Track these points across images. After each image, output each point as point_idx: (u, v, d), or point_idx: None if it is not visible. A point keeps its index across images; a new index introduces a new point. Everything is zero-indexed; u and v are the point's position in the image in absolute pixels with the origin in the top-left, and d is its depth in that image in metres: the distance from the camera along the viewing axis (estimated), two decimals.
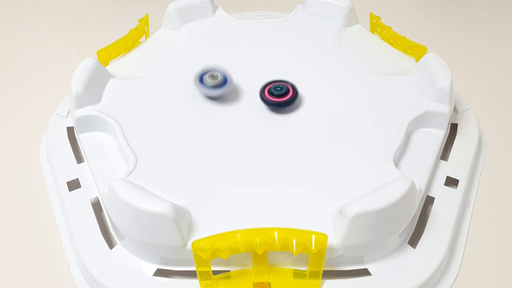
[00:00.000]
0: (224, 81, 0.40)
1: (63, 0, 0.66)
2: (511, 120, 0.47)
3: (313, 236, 0.30)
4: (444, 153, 0.40)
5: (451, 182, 0.39)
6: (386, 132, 0.38)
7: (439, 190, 0.38)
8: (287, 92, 0.40)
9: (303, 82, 0.43)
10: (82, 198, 0.37)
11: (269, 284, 0.32)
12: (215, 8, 0.50)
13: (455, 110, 0.45)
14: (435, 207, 0.37)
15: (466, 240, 0.37)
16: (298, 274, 0.32)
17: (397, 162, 0.37)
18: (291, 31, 0.48)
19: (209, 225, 0.33)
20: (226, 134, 0.39)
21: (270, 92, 0.40)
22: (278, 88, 0.40)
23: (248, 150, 0.38)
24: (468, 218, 0.38)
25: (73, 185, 0.39)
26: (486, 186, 0.41)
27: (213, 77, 0.40)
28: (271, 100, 0.40)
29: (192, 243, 0.30)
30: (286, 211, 0.33)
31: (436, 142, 0.39)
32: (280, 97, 0.40)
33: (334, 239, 0.32)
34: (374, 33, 0.49)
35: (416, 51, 0.45)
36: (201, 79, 0.41)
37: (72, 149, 0.41)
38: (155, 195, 0.32)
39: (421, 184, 0.35)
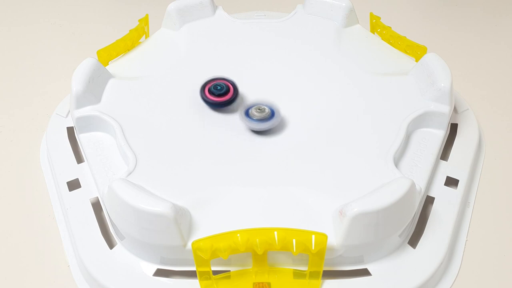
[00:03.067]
0: (272, 114, 0.39)
1: (63, 0, 0.66)
2: (511, 120, 0.47)
3: (313, 236, 0.30)
4: (444, 153, 0.40)
5: (451, 182, 0.39)
6: (386, 132, 0.38)
7: (439, 190, 0.38)
8: (228, 91, 0.40)
9: (303, 82, 0.43)
10: (82, 198, 0.37)
11: (269, 284, 0.32)
12: (215, 8, 0.50)
13: (455, 110, 0.45)
14: (435, 207, 0.37)
15: (466, 240, 0.37)
16: (298, 274, 0.32)
17: (397, 162, 0.37)
18: (291, 31, 0.48)
19: (209, 225, 0.33)
20: (226, 134, 0.39)
21: (210, 91, 0.40)
22: (219, 87, 0.40)
23: (248, 150, 0.38)
24: (468, 218, 0.38)
25: (73, 185, 0.39)
26: (486, 186, 0.41)
27: (259, 110, 0.39)
28: (211, 100, 0.40)
29: (192, 243, 0.30)
30: (286, 211, 0.33)
31: (436, 142, 0.39)
32: (220, 96, 0.40)
33: (334, 239, 0.32)
34: (374, 33, 0.49)
35: (416, 51, 0.45)
36: (247, 113, 0.39)
37: (72, 149, 0.41)
38: (155, 195, 0.32)
39: (421, 184, 0.35)
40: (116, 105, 0.40)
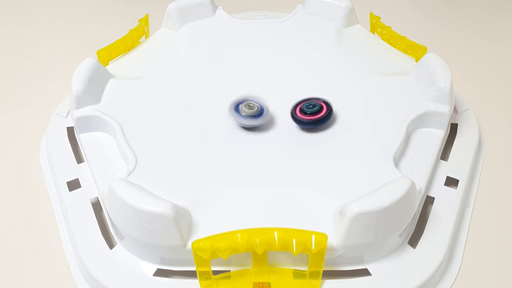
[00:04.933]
0: (261, 112, 0.39)
1: (63, 0, 0.66)
2: (511, 120, 0.47)
3: (313, 236, 0.30)
4: (444, 153, 0.40)
5: (451, 182, 0.39)
6: (386, 132, 0.38)
7: (439, 190, 0.38)
8: (321, 109, 0.38)
9: (303, 83, 0.43)
10: (82, 198, 0.37)
11: (269, 284, 0.32)
12: (215, 8, 0.50)
13: (455, 110, 0.45)
14: (435, 207, 0.37)
15: (466, 240, 0.37)
16: (298, 274, 0.32)
17: (397, 162, 0.36)
18: (291, 31, 0.48)
19: (209, 225, 0.33)
20: (226, 134, 0.39)
21: (302, 111, 0.39)
22: (310, 106, 0.39)
23: (248, 150, 0.38)
24: (468, 218, 0.38)
25: (73, 185, 0.39)
26: (486, 186, 0.41)
27: (249, 107, 0.38)
28: (304, 119, 0.38)
29: (192, 243, 0.30)
30: (286, 211, 0.33)
31: (436, 142, 0.39)
32: (314, 114, 0.38)
33: (334, 239, 0.32)
34: (374, 33, 0.49)
35: (416, 51, 0.45)
36: (236, 109, 0.39)
37: (72, 149, 0.41)
38: (155, 195, 0.32)
39: (421, 184, 0.35)
40: (116, 105, 0.40)
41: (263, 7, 0.60)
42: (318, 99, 0.39)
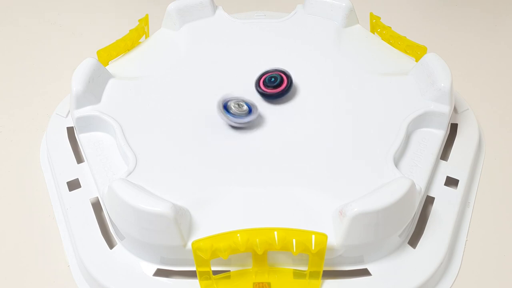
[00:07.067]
0: (249, 111, 0.39)
1: (63, 0, 0.66)
2: (511, 120, 0.47)
3: (313, 236, 0.30)
4: (444, 153, 0.40)
5: (451, 182, 0.39)
6: (386, 132, 0.38)
7: (439, 190, 0.38)
8: (282, 82, 0.41)
9: (303, 83, 0.43)
10: (82, 198, 0.37)
11: (269, 284, 0.32)
12: (215, 8, 0.50)
13: (455, 110, 0.45)
14: (435, 207, 0.37)
15: (466, 240, 0.37)
16: (298, 274, 0.32)
17: (397, 162, 0.37)
18: (291, 31, 0.48)
19: (209, 225, 0.33)
20: (226, 134, 0.39)
21: (265, 84, 0.41)
22: (272, 79, 0.41)
23: (248, 150, 0.38)
24: (468, 218, 0.38)
25: (73, 185, 0.39)
26: (486, 186, 0.41)
27: (238, 106, 0.39)
28: (267, 92, 0.41)
29: (192, 243, 0.30)
30: (286, 211, 0.33)
31: (436, 142, 0.39)
32: (276, 87, 0.40)
33: (334, 239, 0.32)
34: (374, 33, 0.49)
35: (416, 51, 0.45)
36: (225, 107, 0.39)
37: (72, 149, 0.41)
38: (155, 195, 0.32)
39: (421, 184, 0.35)
40: (116, 105, 0.40)
41: (263, 7, 0.61)
42: (276, 70, 0.41)
